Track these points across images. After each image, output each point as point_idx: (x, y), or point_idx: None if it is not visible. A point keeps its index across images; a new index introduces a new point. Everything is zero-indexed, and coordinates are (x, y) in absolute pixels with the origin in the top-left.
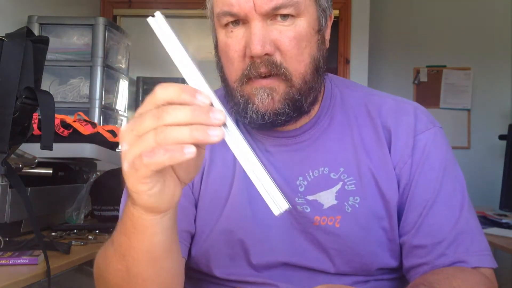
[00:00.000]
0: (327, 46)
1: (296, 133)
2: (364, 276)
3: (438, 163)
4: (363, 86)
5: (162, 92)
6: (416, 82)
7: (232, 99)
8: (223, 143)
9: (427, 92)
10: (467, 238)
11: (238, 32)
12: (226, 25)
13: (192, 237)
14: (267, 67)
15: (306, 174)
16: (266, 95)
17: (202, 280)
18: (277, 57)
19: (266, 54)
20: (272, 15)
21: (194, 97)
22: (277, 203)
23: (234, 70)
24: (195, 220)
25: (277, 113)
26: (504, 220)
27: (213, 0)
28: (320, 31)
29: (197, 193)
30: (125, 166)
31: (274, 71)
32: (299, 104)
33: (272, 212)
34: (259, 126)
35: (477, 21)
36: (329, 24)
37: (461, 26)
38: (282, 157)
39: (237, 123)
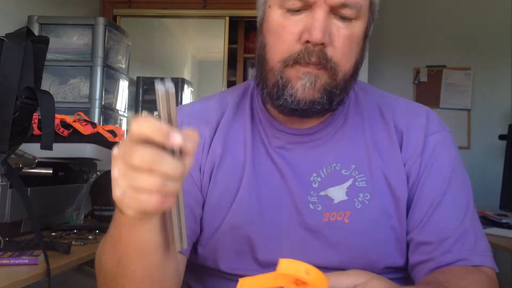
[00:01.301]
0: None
1: (311, 131)
2: None
3: (447, 165)
4: (377, 88)
5: (140, 128)
6: (416, 82)
7: (265, 81)
8: (234, 141)
9: (427, 92)
10: (472, 237)
11: (299, 16)
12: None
13: (197, 236)
14: (318, 57)
15: (320, 170)
16: (310, 82)
17: (206, 273)
18: (329, 51)
19: (322, 43)
20: (336, 11)
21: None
22: (183, 240)
23: (283, 51)
24: (202, 218)
25: (314, 102)
26: (504, 220)
27: None
28: (366, 38)
29: (205, 191)
30: (118, 193)
31: (324, 62)
32: (333, 99)
33: (279, 209)
34: (290, 111)
35: (477, 21)
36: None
37: (461, 26)
38: (297, 154)
39: (252, 117)
